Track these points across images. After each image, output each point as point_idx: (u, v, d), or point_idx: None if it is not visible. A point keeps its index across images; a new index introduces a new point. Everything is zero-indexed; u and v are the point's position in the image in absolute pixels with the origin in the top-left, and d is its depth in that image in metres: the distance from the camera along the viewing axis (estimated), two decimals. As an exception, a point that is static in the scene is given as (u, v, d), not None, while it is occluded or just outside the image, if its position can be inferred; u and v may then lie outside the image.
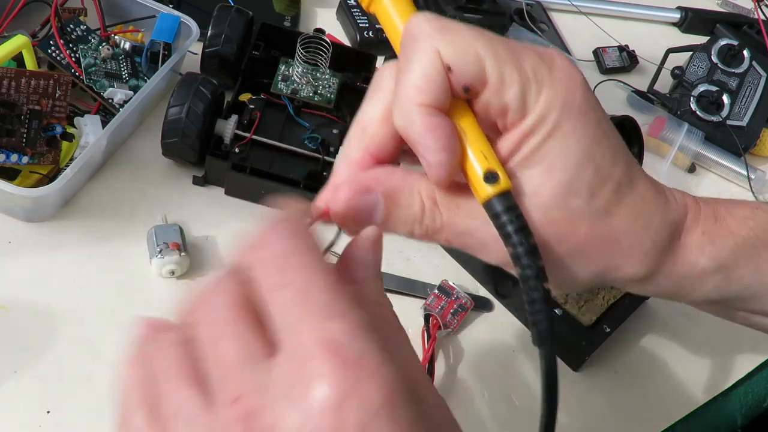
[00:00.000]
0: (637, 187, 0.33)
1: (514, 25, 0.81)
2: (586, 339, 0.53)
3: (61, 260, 0.52)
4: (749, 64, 0.80)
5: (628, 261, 0.34)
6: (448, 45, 0.29)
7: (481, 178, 0.30)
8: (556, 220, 0.31)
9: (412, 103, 0.29)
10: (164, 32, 0.61)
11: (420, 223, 0.32)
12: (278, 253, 0.27)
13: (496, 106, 0.30)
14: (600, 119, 0.31)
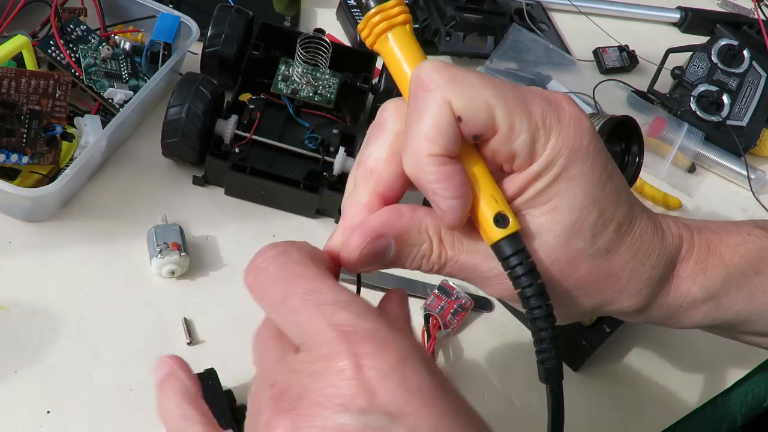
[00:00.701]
0: (637, 226, 0.34)
1: (514, 25, 0.81)
2: (586, 339, 0.53)
3: (61, 260, 0.52)
4: (749, 64, 0.80)
5: (625, 296, 0.35)
6: (459, 96, 0.29)
7: (491, 221, 0.31)
8: (559, 260, 0.33)
9: (423, 153, 0.29)
10: (164, 32, 0.61)
11: (428, 259, 0.33)
12: (269, 274, 0.28)
13: (505, 152, 0.31)
14: (605, 164, 0.32)
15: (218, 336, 0.50)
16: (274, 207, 0.59)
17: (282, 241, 0.30)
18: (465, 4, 0.77)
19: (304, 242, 0.30)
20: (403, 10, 0.32)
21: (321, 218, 0.59)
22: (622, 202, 0.33)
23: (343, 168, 0.57)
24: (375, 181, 0.33)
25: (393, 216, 0.32)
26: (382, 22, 0.32)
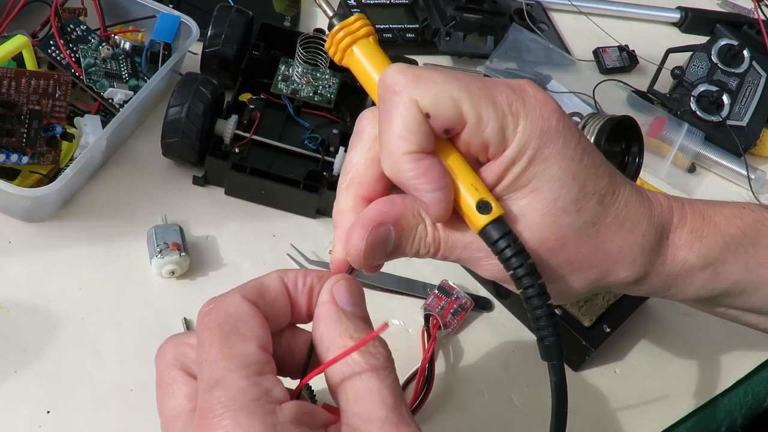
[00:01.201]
0: (621, 196, 0.35)
1: (514, 25, 0.81)
2: (586, 339, 0.53)
3: (61, 260, 0.52)
4: (749, 64, 0.80)
5: (620, 266, 0.35)
6: (424, 93, 0.30)
7: (474, 208, 0.32)
8: (548, 237, 0.33)
9: (399, 153, 0.31)
10: (164, 32, 0.61)
11: (424, 241, 0.34)
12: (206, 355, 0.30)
13: (478, 142, 0.32)
14: (578, 139, 0.33)
15: (218, 336, 0.50)
16: (274, 207, 0.59)
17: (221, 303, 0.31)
18: (465, 4, 0.77)
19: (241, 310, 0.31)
20: (365, 24, 0.34)
21: (321, 218, 0.59)
22: (602, 174, 0.34)
23: (343, 168, 0.57)
24: (357, 187, 0.34)
25: (387, 204, 0.33)
26: (346, 38, 0.33)
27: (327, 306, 0.32)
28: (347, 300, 0.32)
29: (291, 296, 0.33)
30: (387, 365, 0.31)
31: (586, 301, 0.56)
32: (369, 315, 0.33)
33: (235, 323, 0.30)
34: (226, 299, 0.31)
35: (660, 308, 0.62)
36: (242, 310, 0.31)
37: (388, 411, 0.29)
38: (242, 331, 0.30)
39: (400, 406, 0.30)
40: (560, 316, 0.54)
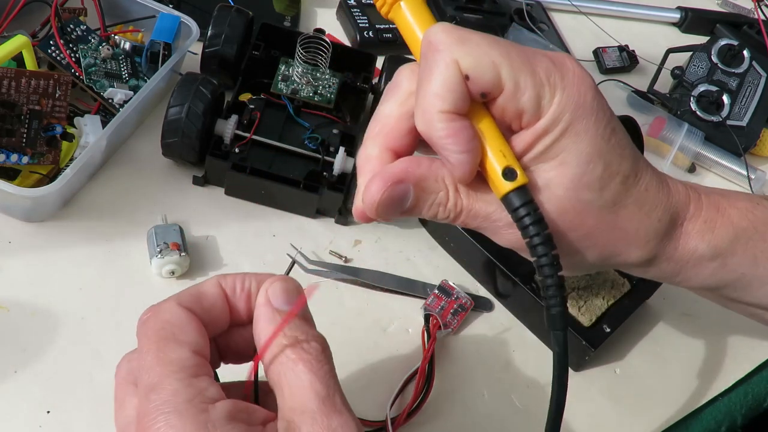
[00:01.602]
0: (642, 179, 0.35)
1: (514, 25, 0.81)
2: (586, 339, 0.53)
3: (61, 260, 0.52)
4: (749, 64, 0.80)
5: (633, 246, 0.36)
6: (466, 55, 0.31)
7: (500, 174, 0.32)
8: (568, 211, 0.34)
9: (433, 110, 0.31)
10: (164, 32, 0.61)
11: (444, 207, 0.35)
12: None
13: (512, 109, 0.32)
14: (609, 118, 0.34)
15: (218, 336, 0.50)
16: (274, 207, 0.59)
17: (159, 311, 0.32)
18: (465, 4, 0.77)
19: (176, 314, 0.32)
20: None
21: (321, 218, 0.59)
22: (627, 156, 0.34)
23: (343, 168, 0.57)
24: (384, 137, 0.34)
25: (412, 164, 0.34)
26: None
27: (262, 308, 0.33)
28: (282, 300, 0.33)
29: (230, 300, 0.34)
30: (320, 357, 0.31)
31: (586, 301, 0.56)
32: (309, 313, 0.34)
33: (171, 330, 0.31)
34: (163, 306, 0.32)
35: (660, 308, 0.62)
36: (178, 317, 0.32)
37: (321, 402, 0.30)
38: (178, 337, 0.31)
39: (333, 397, 0.30)
40: None
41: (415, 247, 0.60)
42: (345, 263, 0.57)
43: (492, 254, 0.57)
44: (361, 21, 0.77)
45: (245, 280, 0.34)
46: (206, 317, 0.33)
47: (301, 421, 0.30)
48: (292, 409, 0.30)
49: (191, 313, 0.32)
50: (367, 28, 0.77)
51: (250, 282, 0.34)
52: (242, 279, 0.34)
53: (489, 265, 0.57)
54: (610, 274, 0.59)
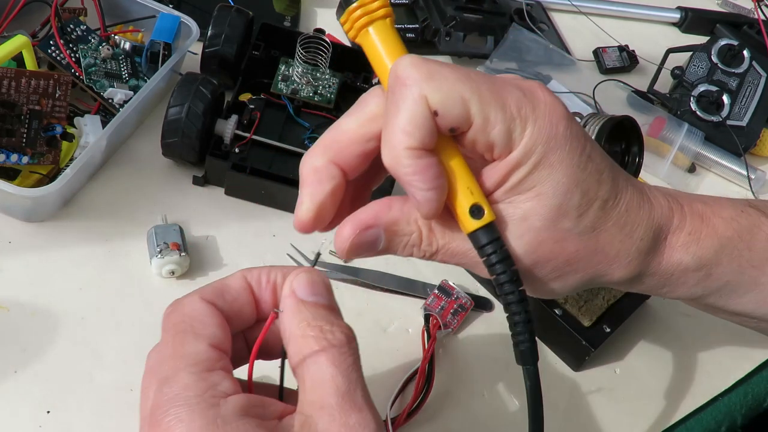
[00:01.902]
0: (622, 200, 0.35)
1: (514, 25, 0.81)
2: (586, 339, 0.53)
3: (61, 260, 0.51)
4: (749, 64, 0.80)
5: (615, 267, 0.36)
6: (435, 91, 0.31)
7: (467, 212, 0.32)
8: (546, 241, 0.34)
9: (400, 147, 0.31)
10: (164, 32, 0.61)
11: (418, 248, 0.34)
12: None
13: (483, 142, 0.32)
14: (584, 145, 0.33)
15: (218, 336, 0.50)
16: (274, 207, 0.59)
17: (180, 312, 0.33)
18: (465, 4, 0.77)
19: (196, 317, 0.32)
20: (384, 4, 0.33)
21: (321, 218, 0.59)
22: (605, 180, 0.34)
23: (343, 168, 0.57)
24: (335, 152, 0.34)
25: (383, 208, 0.34)
26: (363, 17, 0.33)
27: (287, 299, 0.33)
28: (308, 291, 0.33)
29: (255, 294, 0.34)
30: (343, 349, 0.31)
31: (586, 301, 0.56)
32: (336, 304, 0.34)
33: (190, 323, 0.31)
34: (185, 300, 0.33)
35: (660, 308, 0.62)
36: (198, 310, 0.32)
37: (340, 398, 0.30)
38: (196, 330, 0.31)
39: (354, 392, 0.30)
40: (560, 315, 0.54)
41: (415, 247, 0.60)
42: (345, 263, 0.57)
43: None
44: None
45: (270, 272, 0.34)
46: (229, 310, 0.33)
47: (319, 416, 0.30)
48: (311, 402, 0.30)
49: (212, 306, 0.32)
50: (367, 28, 0.77)
51: (275, 275, 0.34)
52: (267, 272, 0.34)
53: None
54: (610, 274, 0.59)
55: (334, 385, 0.30)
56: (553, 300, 0.55)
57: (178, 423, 0.28)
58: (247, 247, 0.56)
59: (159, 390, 0.30)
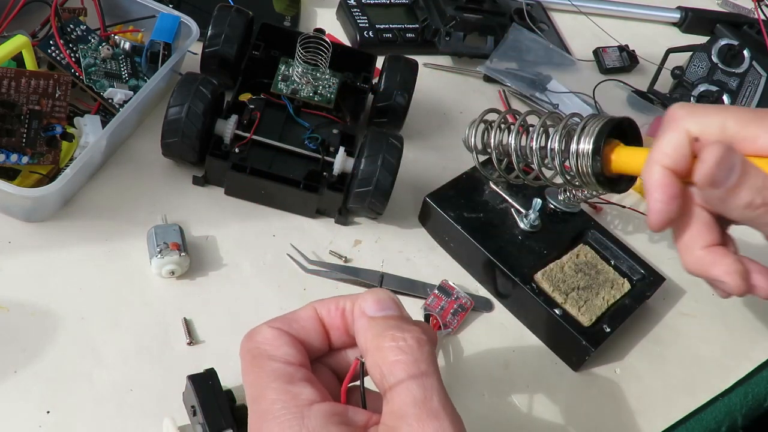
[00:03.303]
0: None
1: (514, 25, 0.81)
2: (586, 339, 0.53)
3: (61, 260, 0.52)
4: (749, 64, 0.80)
5: None
6: (696, 123, 0.37)
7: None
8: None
9: (655, 162, 0.37)
10: (164, 32, 0.61)
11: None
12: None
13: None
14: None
15: (218, 336, 0.50)
16: (274, 207, 0.59)
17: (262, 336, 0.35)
18: (465, 4, 0.77)
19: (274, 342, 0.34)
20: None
21: (321, 218, 0.59)
22: None
23: (343, 168, 0.57)
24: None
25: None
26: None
27: (359, 320, 0.34)
28: (376, 307, 0.34)
29: (325, 322, 0.36)
30: (416, 355, 0.32)
31: (586, 301, 0.56)
32: (407, 313, 0.35)
33: (264, 347, 0.34)
34: (255, 330, 0.35)
35: (660, 308, 0.62)
36: (268, 336, 0.34)
37: (416, 407, 0.30)
38: (270, 353, 0.34)
39: (429, 400, 0.31)
40: (560, 315, 0.54)
41: (415, 247, 0.60)
42: (345, 263, 0.57)
43: (492, 254, 0.57)
44: (361, 21, 0.77)
45: (339, 301, 0.36)
46: (298, 337, 0.35)
47: (399, 427, 0.30)
48: (392, 413, 0.31)
49: (280, 331, 0.35)
50: (367, 28, 0.77)
51: (344, 302, 0.36)
52: (336, 301, 0.36)
53: (489, 264, 0.57)
54: (609, 274, 0.59)
55: (410, 394, 0.31)
56: (552, 300, 0.55)
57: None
58: (247, 247, 0.56)
59: (252, 409, 0.33)
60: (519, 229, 0.60)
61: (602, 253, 0.61)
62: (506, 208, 0.61)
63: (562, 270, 0.58)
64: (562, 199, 0.62)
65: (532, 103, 0.76)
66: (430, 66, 0.78)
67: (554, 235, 0.60)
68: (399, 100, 0.64)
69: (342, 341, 0.36)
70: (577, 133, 0.54)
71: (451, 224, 0.58)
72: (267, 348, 0.34)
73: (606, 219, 0.68)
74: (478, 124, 0.54)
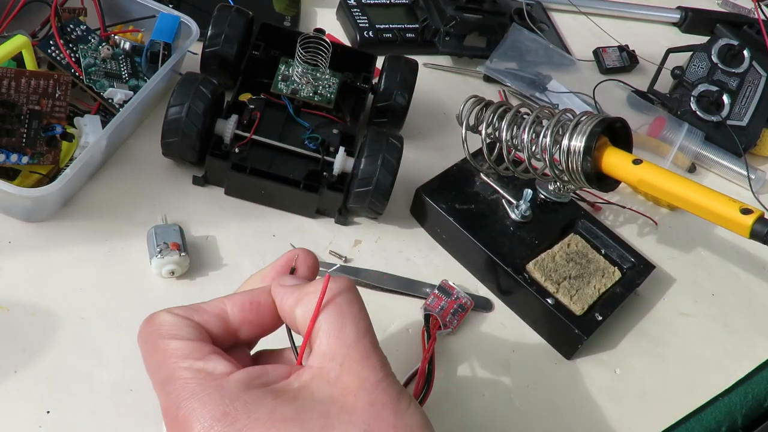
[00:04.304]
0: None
1: (514, 25, 0.81)
2: (578, 327, 0.54)
3: (61, 260, 0.52)
4: (749, 63, 0.80)
5: None
6: None
7: (739, 213, 0.42)
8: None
9: None
10: (164, 32, 0.61)
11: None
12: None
13: None
14: None
15: (218, 336, 0.50)
16: (274, 207, 0.59)
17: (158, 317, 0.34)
18: (465, 4, 0.77)
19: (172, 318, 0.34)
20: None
21: (321, 218, 0.59)
22: None
23: (343, 168, 0.57)
24: None
25: None
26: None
27: (277, 290, 0.34)
28: (292, 280, 0.35)
29: (238, 318, 0.34)
30: (349, 299, 0.32)
31: (578, 290, 0.56)
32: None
33: (165, 328, 0.33)
34: (153, 315, 0.34)
35: (660, 308, 0.62)
36: (170, 319, 0.33)
37: (349, 348, 0.31)
38: (172, 332, 0.32)
39: (361, 341, 0.31)
40: (552, 305, 0.54)
41: (415, 247, 0.60)
42: (345, 263, 0.57)
43: (484, 245, 0.57)
44: (361, 21, 0.77)
45: (252, 295, 0.35)
46: (202, 325, 0.34)
47: (330, 367, 0.30)
48: (322, 354, 0.31)
49: (182, 317, 0.34)
50: (367, 28, 0.77)
51: (258, 296, 0.35)
52: (248, 295, 0.35)
53: (481, 255, 0.57)
54: (600, 263, 0.59)
55: (343, 335, 0.31)
56: (545, 290, 0.55)
57: (192, 413, 0.29)
58: (247, 247, 0.56)
59: (164, 391, 0.31)
60: (510, 219, 0.60)
61: (593, 242, 0.61)
62: (497, 199, 0.61)
63: (554, 260, 0.58)
64: (553, 189, 0.62)
65: (532, 104, 0.76)
66: (430, 66, 0.78)
67: (545, 225, 0.60)
68: (399, 100, 0.64)
69: (251, 335, 0.35)
70: (569, 129, 0.54)
71: (442, 216, 0.59)
72: (168, 328, 0.33)
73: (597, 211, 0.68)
74: (475, 101, 0.54)
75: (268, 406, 0.29)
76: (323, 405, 0.30)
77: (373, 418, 0.30)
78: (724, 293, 0.65)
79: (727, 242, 0.70)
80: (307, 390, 0.30)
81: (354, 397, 0.30)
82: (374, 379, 0.30)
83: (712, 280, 0.66)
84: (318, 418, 0.29)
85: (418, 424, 0.31)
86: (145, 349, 0.33)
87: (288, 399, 0.30)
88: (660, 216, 0.70)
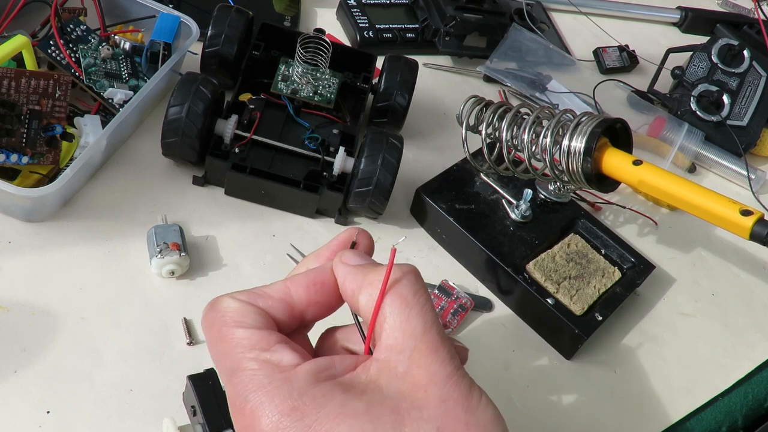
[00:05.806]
0: None
1: (514, 25, 0.81)
2: (578, 327, 0.54)
3: (61, 260, 0.52)
4: (749, 64, 0.80)
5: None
6: None
7: (739, 215, 0.43)
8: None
9: None
10: (164, 32, 0.61)
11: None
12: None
13: None
14: None
15: (218, 336, 0.50)
16: (274, 207, 0.59)
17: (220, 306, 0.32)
18: (465, 4, 0.77)
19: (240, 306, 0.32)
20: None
21: (321, 218, 0.59)
22: None
23: (343, 168, 0.57)
24: None
25: None
26: None
27: (340, 268, 0.34)
28: (357, 259, 0.34)
29: (304, 300, 0.33)
30: (415, 290, 0.31)
31: (578, 290, 0.56)
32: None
33: (230, 315, 0.31)
34: (217, 300, 0.33)
35: (659, 308, 0.62)
36: (234, 305, 0.32)
37: (417, 341, 0.30)
38: (237, 319, 0.31)
39: (428, 332, 0.30)
40: (552, 305, 0.54)
41: (415, 247, 0.60)
42: (345, 263, 0.57)
43: (484, 245, 0.57)
44: (361, 21, 0.77)
45: (315, 275, 0.34)
46: (266, 311, 0.33)
47: (398, 360, 0.29)
48: (388, 347, 0.30)
49: (246, 303, 0.32)
50: (367, 28, 0.77)
51: (321, 276, 0.34)
52: (312, 275, 0.34)
53: (481, 256, 0.57)
54: (600, 263, 0.59)
55: (410, 327, 0.30)
56: (545, 290, 0.55)
57: (259, 407, 0.28)
58: (247, 247, 0.56)
59: (231, 383, 0.30)
60: (510, 219, 0.60)
61: (593, 242, 0.61)
62: (497, 199, 0.61)
63: (554, 260, 0.58)
64: (553, 189, 0.62)
65: (532, 104, 0.76)
66: (430, 66, 0.78)
67: (545, 225, 0.60)
68: (399, 100, 0.64)
69: (317, 316, 0.34)
70: (570, 130, 0.54)
71: (442, 216, 0.59)
72: (233, 315, 0.31)
73: (597, 211, 0.68)
74: (475, 101, 0.54)
75: (338, 401, 0.28)
76: (393, 400, 0.29)
77: (445, 415, 0.28)
78: (724, 293, 0.65)
79: (727, 242, 0.70)
80: (376, 384, 0.29)
81: (425, 393, 0.29)
82: (444, 373, 0.29)
83: (712, 280, 0.66)
84: (389, 413, 0.28)
85: (490, 420, 0.29)
86: (209, 336, 0.32)
87: (357, 393, 0.29)
88: (660, 216, 0.70)
